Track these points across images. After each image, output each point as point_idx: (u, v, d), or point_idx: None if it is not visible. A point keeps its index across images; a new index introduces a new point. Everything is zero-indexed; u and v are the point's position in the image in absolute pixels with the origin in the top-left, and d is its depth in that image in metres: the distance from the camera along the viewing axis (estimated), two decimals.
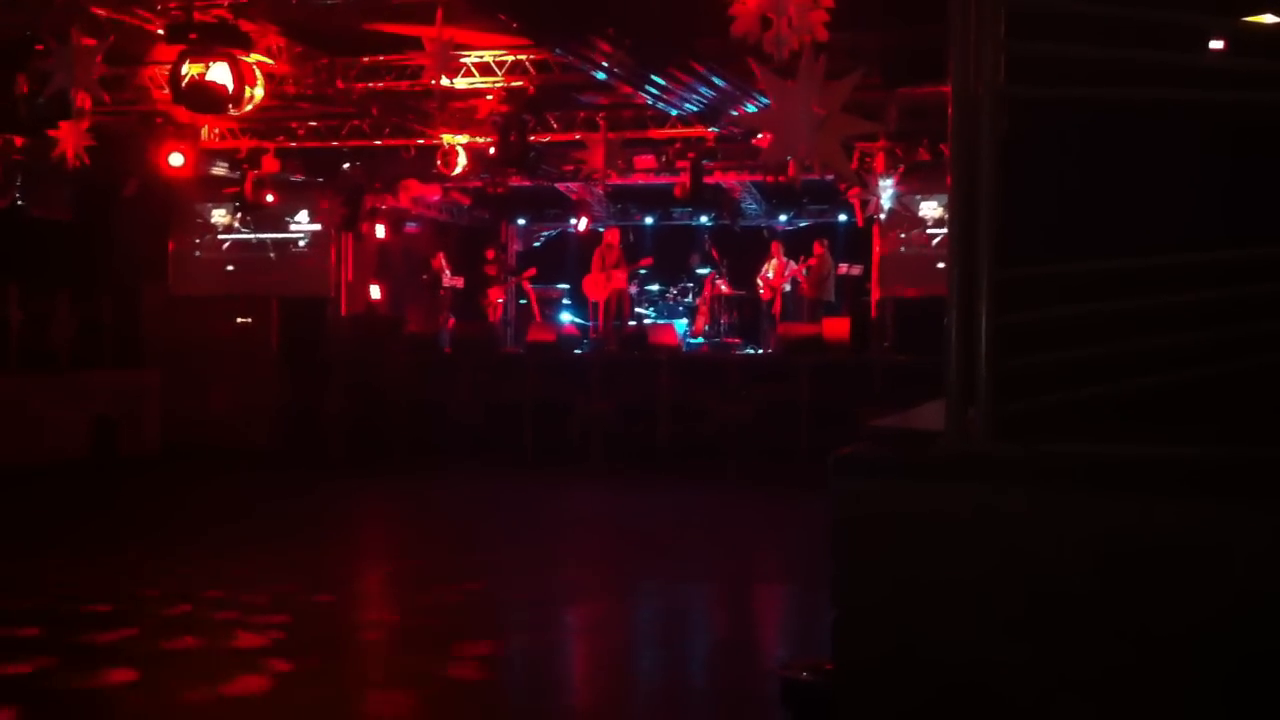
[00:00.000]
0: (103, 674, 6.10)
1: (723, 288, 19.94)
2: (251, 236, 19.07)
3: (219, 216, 19.07)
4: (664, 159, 17.41)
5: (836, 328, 16.91)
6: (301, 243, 19.06)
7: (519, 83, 13.42)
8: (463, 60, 12.78)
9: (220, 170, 17.92)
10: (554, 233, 23.54)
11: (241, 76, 10.85)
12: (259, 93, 11.29)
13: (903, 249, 17.56)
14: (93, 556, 9.57)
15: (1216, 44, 3.12)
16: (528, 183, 19.50)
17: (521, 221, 23.48)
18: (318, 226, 18.92)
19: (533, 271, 21.98)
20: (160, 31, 11.15)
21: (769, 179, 18.72)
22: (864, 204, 17.16)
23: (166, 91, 11.82)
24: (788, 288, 19.52)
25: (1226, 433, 2.70)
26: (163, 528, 11.35)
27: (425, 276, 21.12)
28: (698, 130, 15.66)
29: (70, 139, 11.59)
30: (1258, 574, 2.33)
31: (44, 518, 11.93)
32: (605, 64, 11.64)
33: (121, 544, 10.28)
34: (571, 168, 18.21)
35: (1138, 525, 2.41)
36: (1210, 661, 2.37)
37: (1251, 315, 2.77)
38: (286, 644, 6.71)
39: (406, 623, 7.55)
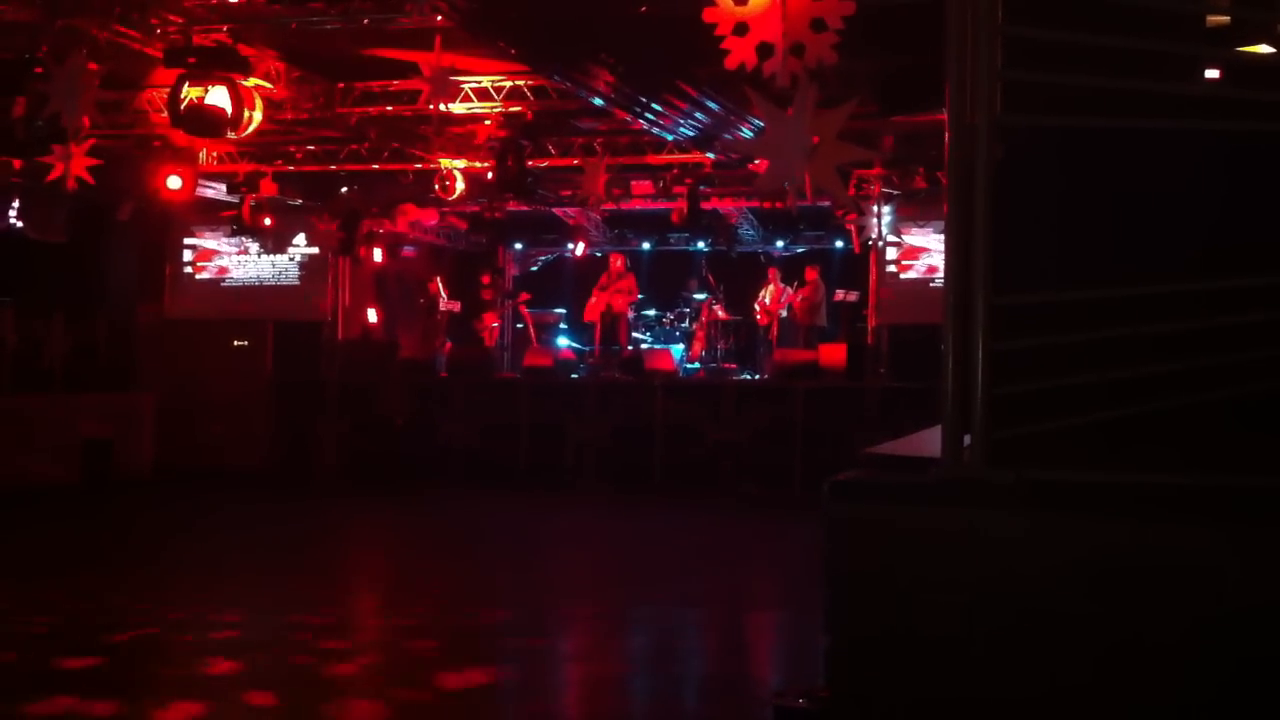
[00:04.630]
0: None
1: (719, 313, 19.93)
2: (248, 259, 19.08)
3: (215, 240, 19.09)
4: (661, 185, 17.43)
5: (832, 354, 16.91)
6: (298, 266, 19.07)
7: (517, 108, 13.47)
8: (461, 86, 12.82)
9: (212, 192, 17.90)
10: (551, 257, 23.56)
11: (240, 100, 10.87)
12: (257, 116, 11.31)
13: (899, 276, 17.59)
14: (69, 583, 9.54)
15: (1212, 73, 3.15)
16: (525, 207, 19.55)
17: (518, 246, 23.50)
18: (314, 250, 18.92)
19: (526, 296, 22.00)
20: (159, 55, 11.18)
21: (766, 205, 18.75)
22: (860, 230, 17.20)
23: (165, 115, 11.84)
24: (784, 314, 19.53)
25: (1216, 458, 2.71)
26: (149, 553, 11.32)
27: (422, 301, 21.13)
28: (695, 156, 15.71)
29: (69, 161, 11.60)
30: (1244, 593, 2.34)
31: (30, 541, 11.90)
32: (602, 90, 11.68)
33: (103, 571, 10.25)
34: (569, 193, 18.25)
35: (1128, 548, 2.42)
36: (1198, 675, 2.38)
37: (1243, 341, 2.78)
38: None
39: (392, 644, 7.52)
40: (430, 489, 16.17)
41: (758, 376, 19.03)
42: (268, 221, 17.28)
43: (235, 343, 18.66)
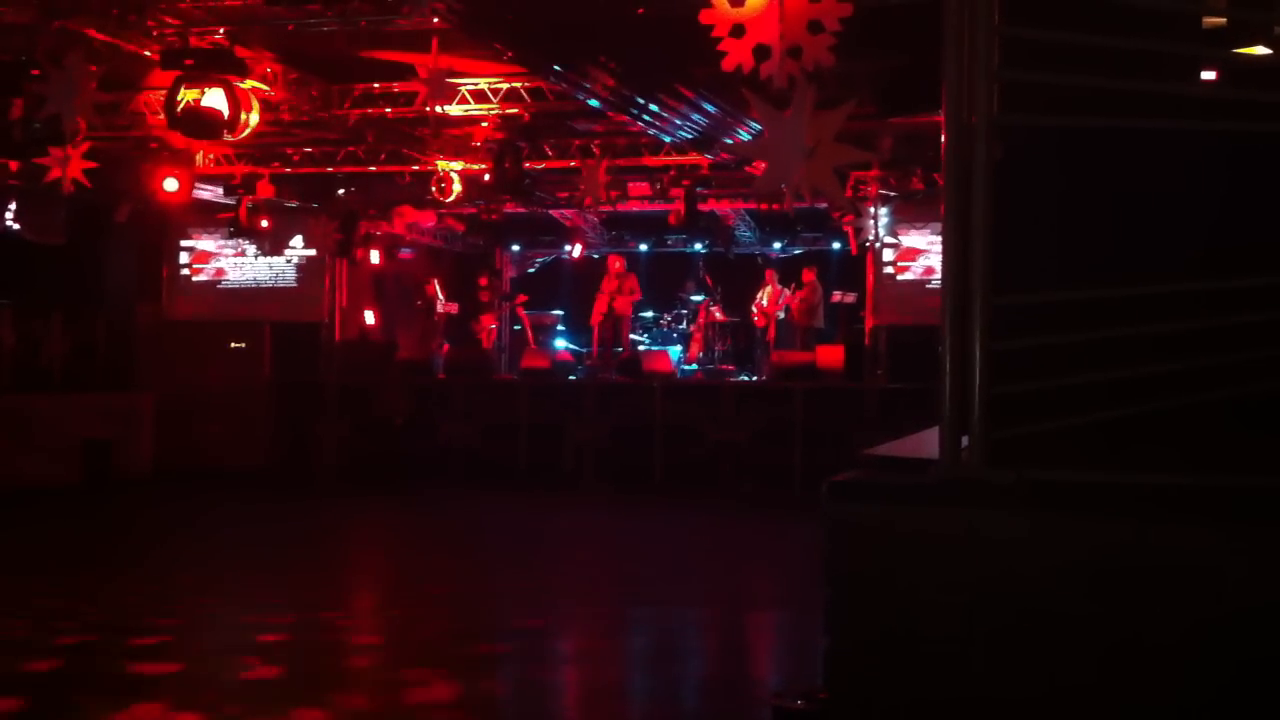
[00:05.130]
0: None
1: (717, 315, 19.94)
2: (245, 261, 19.07)
3: (212, 242, 19.08)
4: (659, 186, 17.43)
5: (830, 355, 16.92)
6: (295, 268, 19.06)
7: (514, 110, 13.46)
8: (458, 88, 12.82)
9: (209, 194, 17.89)
10: (548, 259, 23.57)
11: (237, 102, 10.87)
12: (254, 118, 11.30)
13: (896, 277, 17.60)
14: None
15: (1207, 74, 3.15)
16: (522, 209, 19.55)
17: (516, 248, 23.51)
18: (312, 252, 18.92)
19: (524, 298, 22.00)
20: (156, 57, 11.17)
21: (763, 206, 18.76)
22: (857, 232, 17.20)
23: (162, 117, 11.84)
24: (781, 315, 19.53)
25: (1216, 458, 2.71)
26: (153, 553, 11.32)
27: (419, 302, 21.12)
28: (692, 158, 15.72)
29: (66, 163, 11.59)
30: (1244, 593, 2.34)
31: (29, 542, 11.89)
32: (599, 92, 11.68)
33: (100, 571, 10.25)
34: (566, 194, 18.25)
35: (1128, 548, 2.42)
36: (1198, 675, 2.38)
37: (1243, 341, 2.78)
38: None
39: (394, 643, 7.52)
40: (430, 489, 16.17)
41: (755, 378, 19.02)
42: (265, 223, 17.27)
43: (233, 344, 18.67)
